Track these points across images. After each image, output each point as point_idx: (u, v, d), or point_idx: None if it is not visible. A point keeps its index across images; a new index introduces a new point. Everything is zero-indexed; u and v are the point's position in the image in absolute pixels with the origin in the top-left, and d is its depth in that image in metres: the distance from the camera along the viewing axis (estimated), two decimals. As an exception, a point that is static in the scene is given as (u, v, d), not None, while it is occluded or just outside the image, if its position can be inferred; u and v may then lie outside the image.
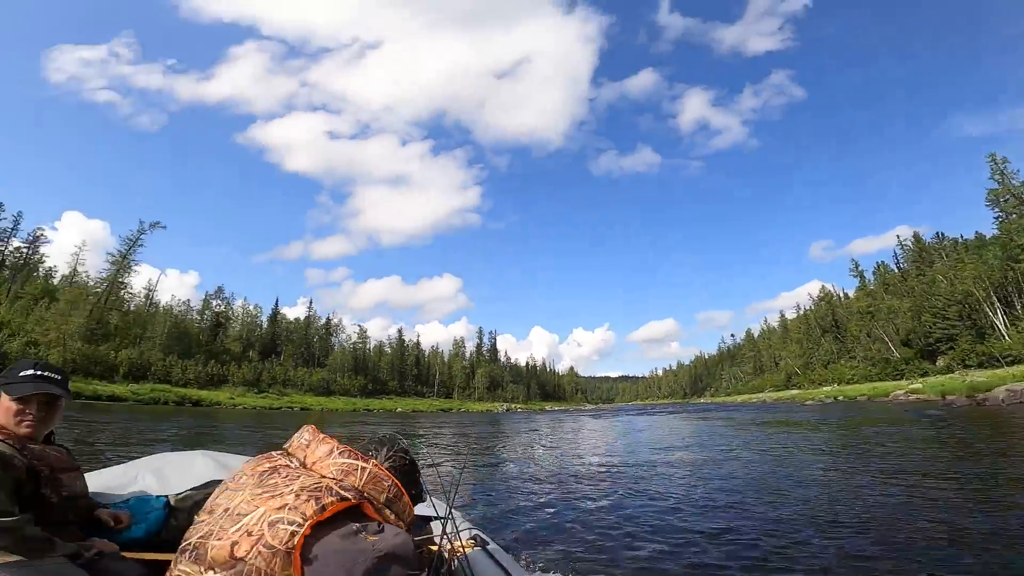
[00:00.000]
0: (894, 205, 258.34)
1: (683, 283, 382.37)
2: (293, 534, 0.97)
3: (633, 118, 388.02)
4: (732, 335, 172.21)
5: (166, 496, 2.02)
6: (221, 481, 1.45)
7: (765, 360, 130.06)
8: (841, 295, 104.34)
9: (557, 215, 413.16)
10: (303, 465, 1.21)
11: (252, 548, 0.96)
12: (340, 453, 1.18)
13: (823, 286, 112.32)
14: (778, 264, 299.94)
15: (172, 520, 1.91)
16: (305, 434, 1.28)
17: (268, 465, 1.20)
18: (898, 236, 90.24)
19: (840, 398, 52.85)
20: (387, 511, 1.16)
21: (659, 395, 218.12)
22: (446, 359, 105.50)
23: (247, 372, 57.60)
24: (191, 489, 2.06)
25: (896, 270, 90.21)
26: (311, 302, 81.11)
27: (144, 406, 38.61)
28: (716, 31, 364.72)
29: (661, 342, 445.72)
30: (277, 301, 76.35)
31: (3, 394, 1.61)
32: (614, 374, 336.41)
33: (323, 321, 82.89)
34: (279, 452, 1.29)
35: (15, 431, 1.59)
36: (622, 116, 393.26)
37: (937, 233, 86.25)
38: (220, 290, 69.08)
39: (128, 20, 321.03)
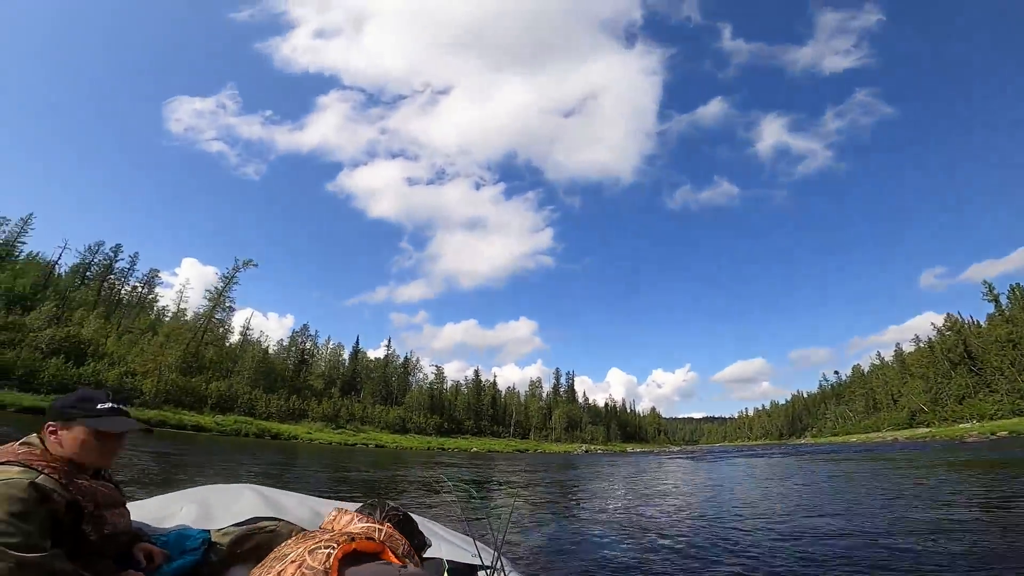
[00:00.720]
0: (1016, 222, 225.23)
1: (773, 320, 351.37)
2: (330, 555, 1.12)
3: (706, 149, 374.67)
4: (836, 372, 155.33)
5: (208, 530, 1.92)
6: (266, 519, 1.86)
7: (880, 397, 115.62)
8: (972, 324, 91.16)
9: (632, 253, 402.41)
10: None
11: (296, 571, 1.10)
12: (359, 520, 1.37)
13: (949, 315, 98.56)
14: (883, 296, 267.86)
15: (211, 555, 1.82)
16: (332, 512, 1.47)
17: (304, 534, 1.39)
18: None
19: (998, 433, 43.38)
20: (407, 560, 1.32)
21: (750, 436, 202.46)
22: (522, 399, 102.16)
23: (326, 408, 57.71)
24: (233, 524, 1.98)
25: None
26: (389, 340, 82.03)
27: (225, 436, 39.01)
28: (786, 53, 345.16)
29: (750, 382, 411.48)
30: (358, 340, 78.31)
31: (75, 425, 1.55)
32: (698, 415, 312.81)
33: (401, 360, 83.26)
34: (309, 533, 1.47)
35: (85, 461, 1.57)
36: (695, 148, 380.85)
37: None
38: (305, 328, 71.45)
39: (231, 72, 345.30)
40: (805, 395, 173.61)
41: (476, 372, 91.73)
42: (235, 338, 65.03)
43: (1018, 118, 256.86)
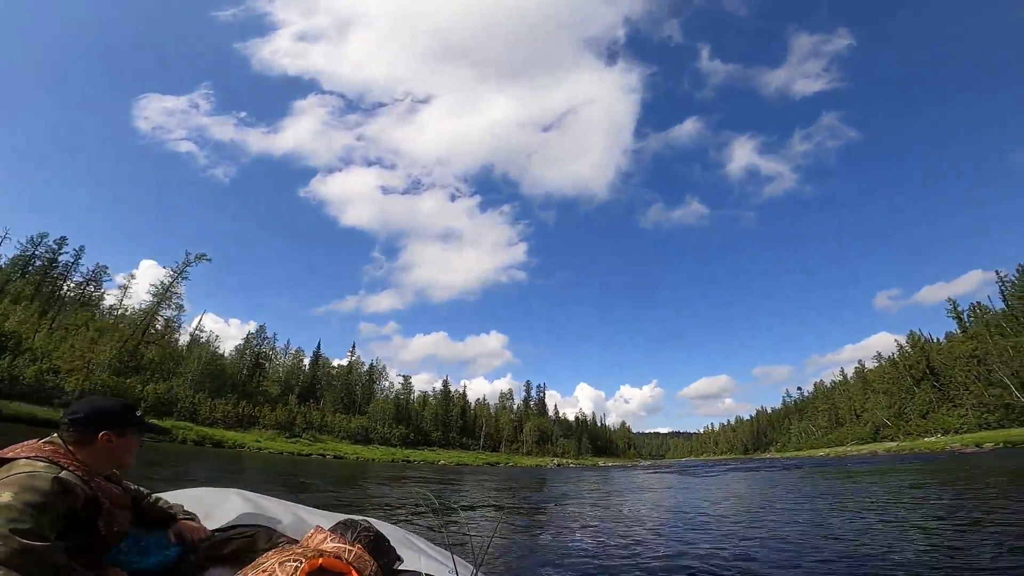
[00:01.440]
0: (965, 248, 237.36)
1: (738, 338, 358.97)
2: (297, 568, 1.17)
3: (679, 168, 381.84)
4: (799, 388, 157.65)
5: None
6: (249, 524, 1.90)
7: (843, 412, 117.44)
8: (934, 340, 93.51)
9: (603, 270, 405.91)
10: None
11: None
12: (332, 539, 1.43)
13: (912, 332, 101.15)
14: (841, 316, 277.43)
15: (190, 556, 1.82)
16: (312, 530, 1.54)
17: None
18: (997, 272, 78.91)
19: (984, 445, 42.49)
20: None
21: (716, 451, 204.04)
22: (493, 411, 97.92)
23: (281, 415, 52.28)
24: (217, 529, 1.95)
25: (1002, 308, 78.34)
26: (354, 346, 76.64)
27: (158, 443, 34.07)
28: (761, 75, 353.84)
29: (714, 398, 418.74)
30: (319, 344, 72.56)
31: (128, 434, 1.67)
32: (664, 430, 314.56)
33: (366, 368, 78.00)
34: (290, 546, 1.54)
35: (121, 466, 1.70)
36: (668, 167, 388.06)
37: (1048, 264, 74.85)
38: (262, 330, 65.48)
39: (208, 72, 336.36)
40: (769, 411, 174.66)
41: (445, 382, 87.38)
42: (185, 339, 59.45)
43: (970, 150, 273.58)
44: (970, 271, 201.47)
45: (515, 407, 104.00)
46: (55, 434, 1.59)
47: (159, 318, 55.67)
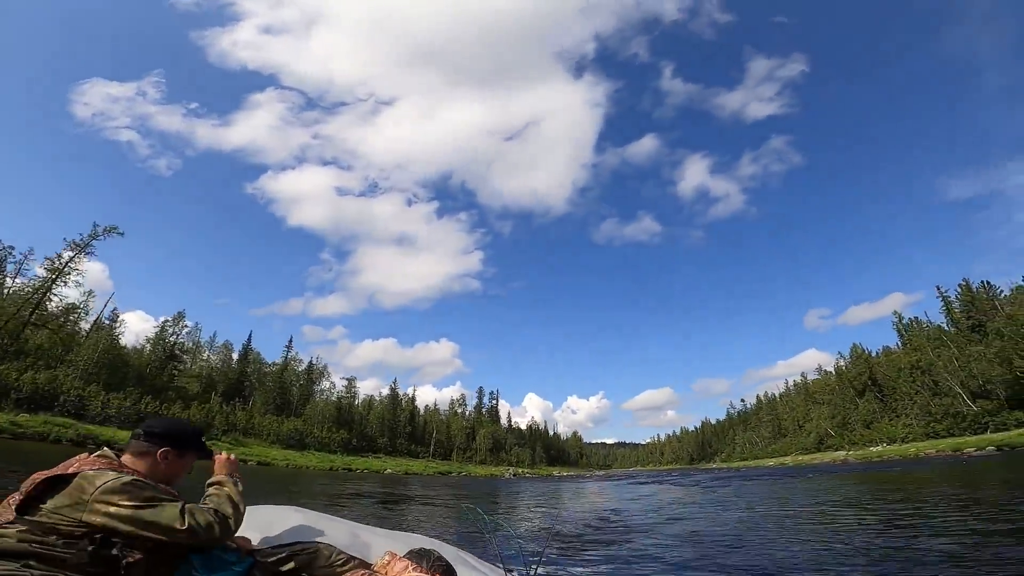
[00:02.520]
0: (888, 272, 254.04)
1: (680, 352, 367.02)
2: None
3: (635, 184, 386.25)
4: (743, 400, 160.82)
5: (252, 551, 1.91)
6: (310, 543, 1.89)
7: (787, 423, 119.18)
8: (875, 354, 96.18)
9: (557, 283, 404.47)
10: None
11: None
12: (414, 569, 1.50)
13: (855, 345, 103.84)
14: (775, 333, 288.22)
15: (255, 572, 1.81)
16: (386, 556, 1.61)
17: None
18: (938, 287, 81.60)
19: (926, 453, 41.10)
20: None
21: (662, 461, 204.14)
22: (444, 418, 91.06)
23: (196, 414, 43.68)
24: (274, 547, 1.93)
25: (938, 324, 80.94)
26: (291, 341, 67.58)
27: (27, 441, 26.00)
28: (717, 96, 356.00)
29: (657, 410, 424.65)
30: (250, 337, 62.59)
31: (187, 455, 1.77)
32: (610, 440, 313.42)
33: (305, 366, 69.35)
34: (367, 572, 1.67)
35: (173, 482, 1.71)
36: (625, 182, 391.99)
37: (983, 282, 77.88)
38: (180, 317, 55.79)
39: (161, 58, 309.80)
40: (714, 422, 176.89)
41: (393, 385, 79.57)
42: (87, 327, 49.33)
43: (898, 179, 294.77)
44: (893, 293, 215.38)
45: (467, 414, 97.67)
46: (104, 448, 1.64)
47: (53, 297, 45.54)
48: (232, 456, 1.94)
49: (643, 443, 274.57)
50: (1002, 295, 74.73)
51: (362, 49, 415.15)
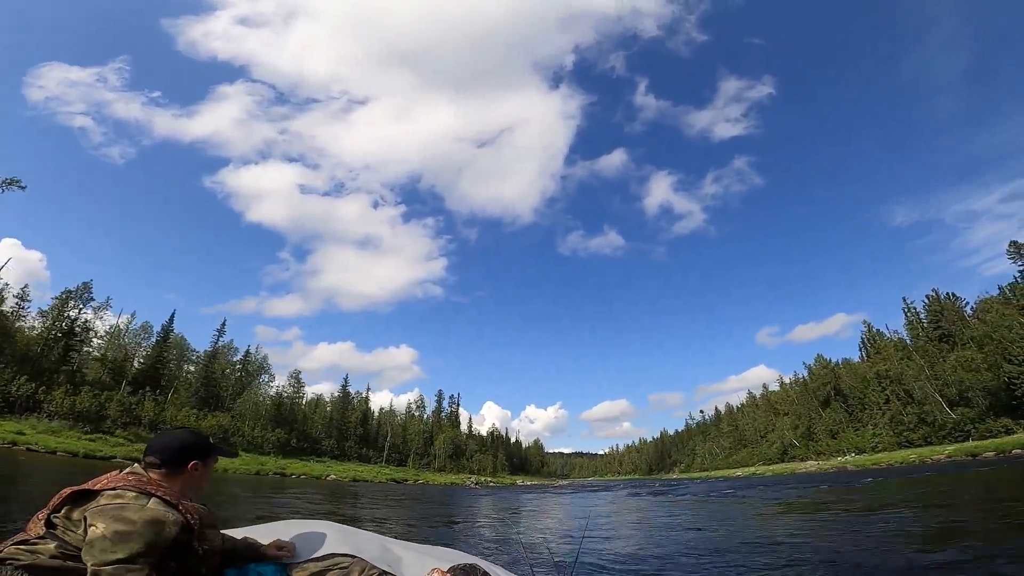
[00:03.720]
0: (833, 293, 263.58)
1: (638, 365, 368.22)
2: None
3: (602, 198, 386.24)
4: (702, 411, 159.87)
5: (284, 564, 1.88)
6: (341, 555, 1.86)
7: (749, 434, 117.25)
8: (838, 363, 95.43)
9: (520, 293, 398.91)
10: None
11: None
12: None
13: (819, 356, 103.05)
14: (727, 349, 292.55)
15: None
16: (435, 573, 1.61)
17: None
18: (904, 299, 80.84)
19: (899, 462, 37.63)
20: None
21: (620, 471, 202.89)
22: (400, 421, 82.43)
23: (85, 401, 34.34)
24: (310, 560, 1.89)
25: (898, 336, 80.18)
26: (223, 325, 57.13)
27: None
28: (688, 114, 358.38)
29: (614, 421, 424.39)
30: (172, 317, 51.87)
31: (210, 461, 1.76)
32: (567, 450, 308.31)
33: (240, 355, 59.65)
34: None
35: (195, 489, 1.72)
36: (592, 195, 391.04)
37: (948, 294, 77.33)
38: (86, 289, 45.24)
39: (129, 45, 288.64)
40: (672, 433, 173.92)
41: (345, 383, 70.40)
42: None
43: (845, 203, 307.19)
44: (836, 313, 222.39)
45: (426, 417, 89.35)
46: (136, 464, 1.61)
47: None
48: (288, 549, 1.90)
49: (600, 453, 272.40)
50: (967, 306, 74.36)
51: (340, 46, 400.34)
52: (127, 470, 1.58)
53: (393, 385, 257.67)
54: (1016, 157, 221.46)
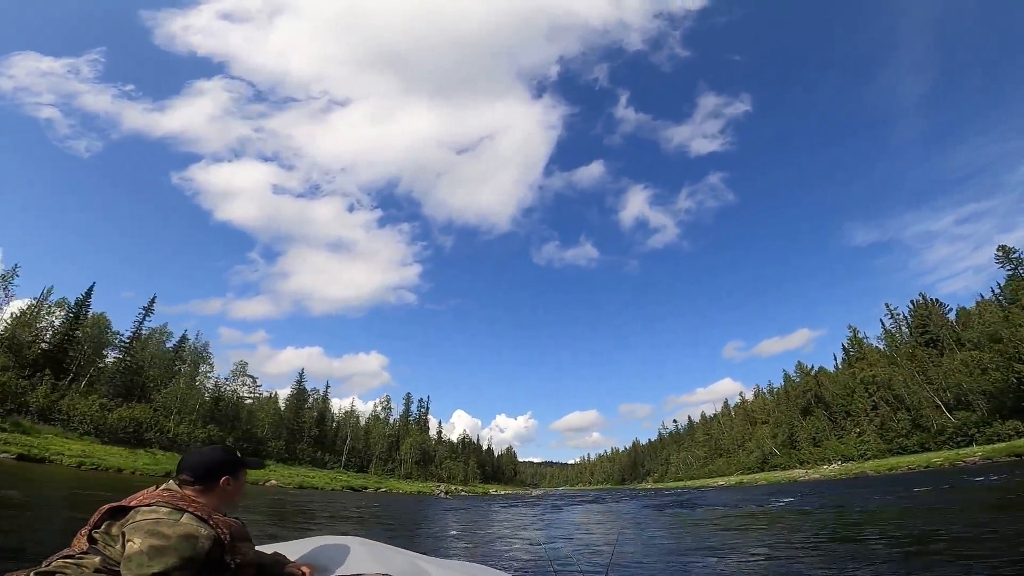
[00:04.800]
0: (797, 309, 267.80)
1: (608, 376, 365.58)
2: None
3: (579, 209, 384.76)
4: (675, 420, 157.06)
5: None
6: (372, 575, 1.81)
7: (726, 443, 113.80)
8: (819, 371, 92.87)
9: (494, 302, 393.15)
10: None
11: None
12: None
13: (800, 363, 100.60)
14: (696, 362, 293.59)
15: None
16: None
17: None
18: (887, 304, 78.88)
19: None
20: None
21: (592, 481, 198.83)
22: (363, 424, 74.24)
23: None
24: None
25: (881, 343, 77.75)
26: (152, 300, 46.66)
27: None
28: (666, 129, 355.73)
29: (583, 431, 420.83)
30: (91, 291, 42.68)
31: (240, 475, 1.75)
32: (536, 459, 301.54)
33: (175, 341, 50.89)
34: None
35: (229, 503, 1.72)
36: (569, 206, 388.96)
37: (933, 299, 75.30)
38: (14, 272, 36.25)
39: (106, 36, 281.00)
40: (644, 442, 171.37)
41: (300, 379, 61.95)
42: None
43: (810, 223, 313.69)
44: (800, 328, 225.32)
45: (393, 421, 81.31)
46: (170, 480, 1.63)
47: None
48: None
49: (571, 463, 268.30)
50: (949, 312, 72.45)
51: (324, 46, 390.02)
52: (162, 487, 1.58)
53: (362, 392, 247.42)
54: (971, 181, 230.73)
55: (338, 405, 76.88)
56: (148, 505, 1.45)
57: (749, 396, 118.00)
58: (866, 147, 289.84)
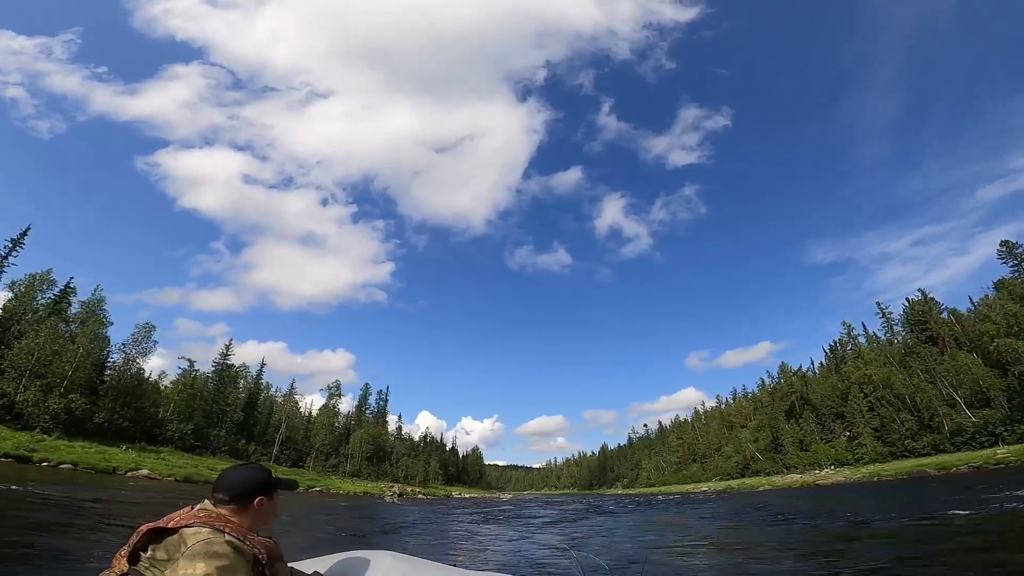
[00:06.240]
0: (759, 322, 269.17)
1: (576, 382, 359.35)
2: None
3: (555, 215, 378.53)
4: (645, 425, 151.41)
5: None
6: None
7: (701, 448, 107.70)
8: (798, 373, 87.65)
9: (465, 304, 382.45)
10: None
11: None
12: None
13: (784, 364, 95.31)
14: (661, 370, 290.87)
15: None
16: None
17: None
18: (878, 303, 73.98)
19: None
20: None
21: (558, 485, 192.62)
22: (306, 411, 63.15)
23: None
24: None
25: (870, 342, 72.53)
26: (25, 232, 37.39)
27: None
28: (646, 139, 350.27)
29: (549, 436, 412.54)
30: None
31: (274, 495, 1.74)
32: (501, 463, 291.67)
33: (55, 293, 38.86)
34: None
35: (262, 523, 1.71)
36: (545, 211, 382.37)
37: (932, 297, 70.41)
38: None
39: (83, 17, 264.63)
40: (614, 447, 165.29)
41: (226, 350, 49.99)
42: None
43: (779, 240, 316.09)
44: (762, 341, 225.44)
45: (348, 413, 70.31)
46: (205, 501, 1.61)
47: None
48: None
49: (536, 467, 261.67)
50: (942, 312, 67.57)
51: (309, 37, 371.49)
52: (198, 507, 1.57)
53: (325, 389, 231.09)
54: (929, 204, 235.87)
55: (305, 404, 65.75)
56: (189, 526, 1.43)
57: (711, 405, 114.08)
58: (833, 167, 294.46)
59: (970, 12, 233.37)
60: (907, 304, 72.48)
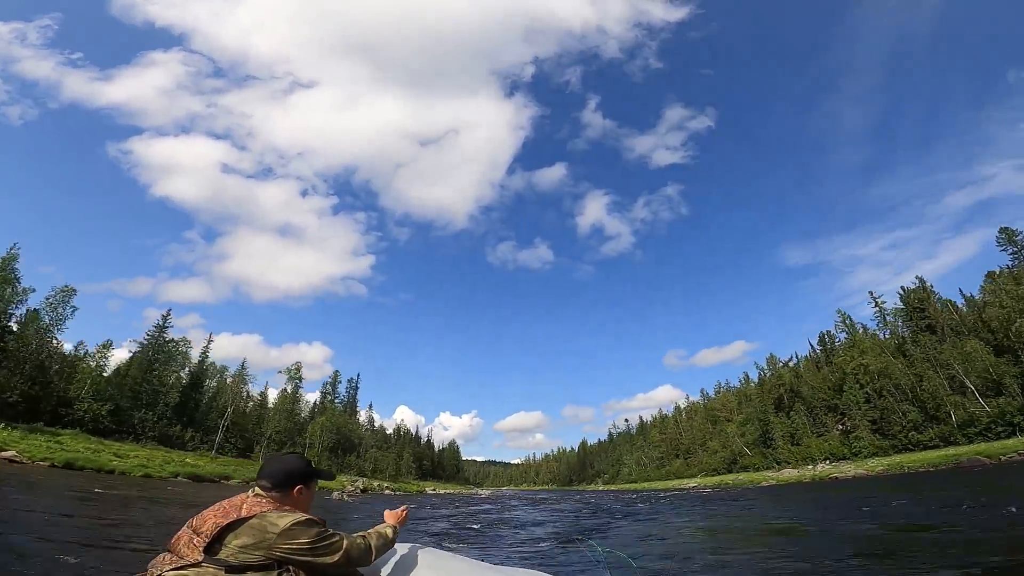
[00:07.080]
0: (734, 322, 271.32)
1: (555, 379, 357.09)
2: None
3: (537, 211, 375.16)
4: (626, 420, 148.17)
5: None
6: None
7: (685, 444, 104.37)
8: (787, 366, 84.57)
9: (445, 299, 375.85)
10: None
11: None
12: None
13: (772, 355, 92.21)
14: (638, 368, 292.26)
15: None
16: None
17: None
18: (871, 292, 71.00)
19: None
20: None
21: (537, 481, 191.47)
22: (261, 396, 56.56)
23: None
24: None
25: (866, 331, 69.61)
26: None
27: None
28: (631, 137, 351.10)
29: (527, 432, 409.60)
30: None
31: (312, 484, 1.83)
32: (479, 458, 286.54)
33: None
34: None
35: (308, 506, 1.79)
36: (527, 208, 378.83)
37: (930, 285, 67.69)
38: None
39: (60, 2, 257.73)
40: (594, 443, 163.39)
41: (162, 322, 42.66)
42: None
43: (754, 243, 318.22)
44: (737, 341, 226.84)
45: (313, 403, 63.78)
46: (256, 487, 1.69)
47: None
48: (406, 513, 2.11)
49: (515, 463, 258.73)
50: (936, 300, 64.74)
51: (294, 26, 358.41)
52: (255, 494, 1.65)
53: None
54: (900, 209, 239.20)
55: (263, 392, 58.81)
56: (272, 512, 1.54)
57: (695, 399, 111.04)
58: (809, 170, 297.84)
59: (945, 29, 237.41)
60: (902, 292, 69.33)
